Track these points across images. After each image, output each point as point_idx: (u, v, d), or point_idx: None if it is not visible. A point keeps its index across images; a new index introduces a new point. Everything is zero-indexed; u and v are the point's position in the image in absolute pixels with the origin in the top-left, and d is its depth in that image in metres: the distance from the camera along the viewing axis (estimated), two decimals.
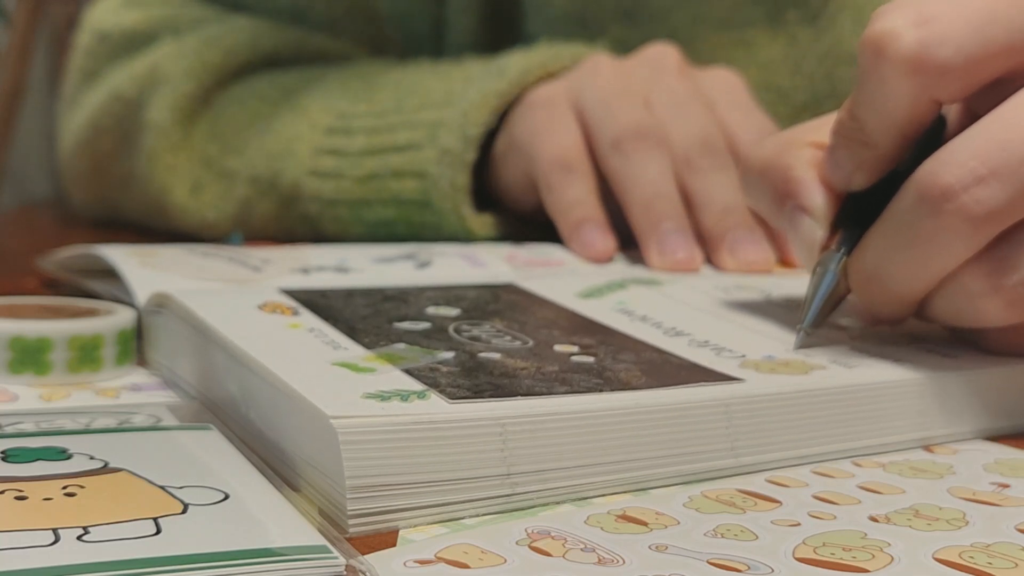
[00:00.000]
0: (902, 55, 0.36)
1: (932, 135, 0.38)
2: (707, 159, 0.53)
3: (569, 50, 0.60)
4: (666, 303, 0.43)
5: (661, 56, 0.58)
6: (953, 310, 0.37)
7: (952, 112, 0.40)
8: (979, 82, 0.37)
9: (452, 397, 0.30)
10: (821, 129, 0.40)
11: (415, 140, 0.59)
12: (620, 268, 0.51)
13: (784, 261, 0.53)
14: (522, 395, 0.31)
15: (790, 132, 0.43)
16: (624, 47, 0.60)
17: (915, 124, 0.37)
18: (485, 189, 0.60)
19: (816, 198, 0.40)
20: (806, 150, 0.40)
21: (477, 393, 0.31)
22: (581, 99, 0.56)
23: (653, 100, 0.55)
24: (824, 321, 0.39)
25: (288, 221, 0.64)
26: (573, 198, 0.54)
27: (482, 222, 0.58)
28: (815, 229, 0.40)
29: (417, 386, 0.31)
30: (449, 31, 0.72)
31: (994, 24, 0.36)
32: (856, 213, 0.39)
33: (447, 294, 0.42)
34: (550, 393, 0.31)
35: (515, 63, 0.59)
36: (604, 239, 0.53)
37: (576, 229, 0.53)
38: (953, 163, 0.35)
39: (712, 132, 0.54)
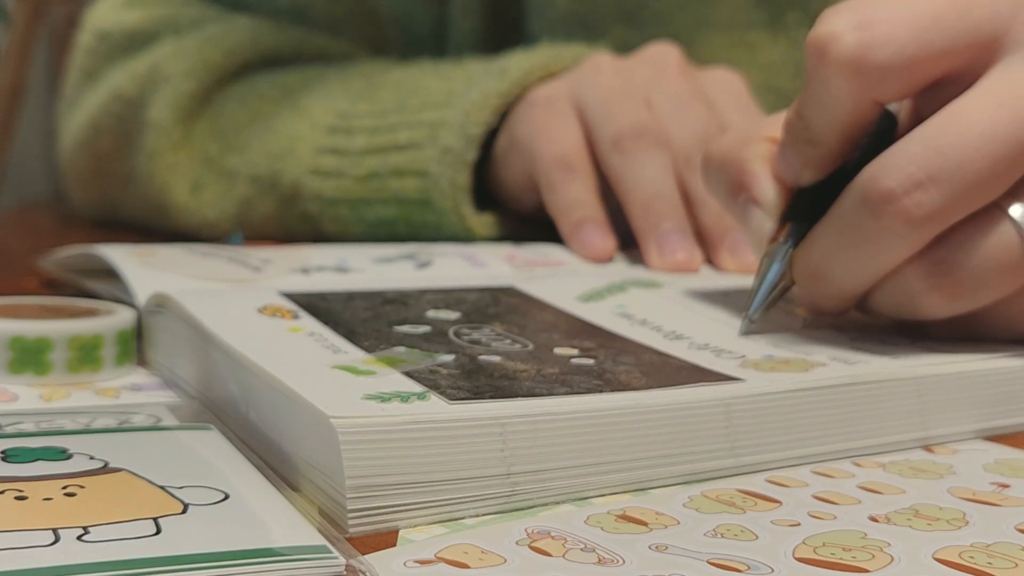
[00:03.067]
0: (843, 57, 0.37)
1: (882, 132, 0.39)
2: None
3: (571, 50, 0.60)
4: (666, 306, 0.43)
5: (662, 55, 0.58)
6: (894, 305, 0.39)
7: (903, 109, 0.41)
8: (919, 83, 0.38)
9: (452, 398, 0.30)
10: (778, 124, 0.41)
11: (416, 139, 0.59)
12: (620, 269, 0.51)
13: None
14: (522, 396, 0.31)
15: (749, 127, 0.44)
16: (626, 49, 0.60)
17: (858, 123, 0.39)
18: (486, 188, 0.60)
19: (767, 192, 0.41)
20: (762, 144, 0.42)
21: (477, 394, 0.31)
22: (582, 98, 0.56)
23: (654, 100, 0.55)
24: (769, 309, 0.40)
25: (288, 220, 0.64)
26: (574, 198, 0.54)
27: (482, 222, 0.58)
28: (765, 221, 0.41)
29: (417, 388, 0.31)
30: (450, 32, 0.72)
31: (934, 28, 0.37)
32: (805, 208, 0.40)
33: (447, 297, 0.42)
34: (550, 394, 0.31)
35: (517, 63, 0.59)
36: (604, 239, 0.53)
37: (576, 229, 0.53)
38: (894, 168, 0.36)
39: (713, 132, 0.54)
